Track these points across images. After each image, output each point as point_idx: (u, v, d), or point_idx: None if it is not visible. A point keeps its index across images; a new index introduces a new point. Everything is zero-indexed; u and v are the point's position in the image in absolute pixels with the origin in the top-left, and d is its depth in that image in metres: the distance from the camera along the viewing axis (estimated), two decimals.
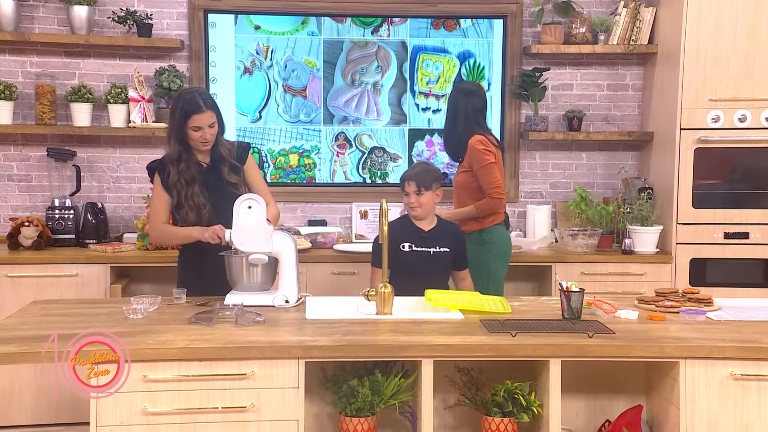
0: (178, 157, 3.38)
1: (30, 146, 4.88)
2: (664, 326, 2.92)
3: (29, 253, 4.43)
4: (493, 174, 3.95)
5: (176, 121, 3.35)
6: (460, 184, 4.09)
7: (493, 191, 3.93)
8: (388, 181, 5.10)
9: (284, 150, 5.06)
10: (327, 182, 5.09)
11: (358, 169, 5.10)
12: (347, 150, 5.09)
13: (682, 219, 4.56)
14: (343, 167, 5.08)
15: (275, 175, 5.05)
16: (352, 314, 3.05)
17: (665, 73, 4.74)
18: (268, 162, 5.05)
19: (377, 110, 5.09)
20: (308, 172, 5.07)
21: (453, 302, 3.15)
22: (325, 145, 5.08)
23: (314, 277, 4.45)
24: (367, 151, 5.10)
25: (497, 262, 4.01)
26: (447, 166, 5.04)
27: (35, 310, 3.09)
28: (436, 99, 5.10)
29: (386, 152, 5.11)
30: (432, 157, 5.11)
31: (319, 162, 5.08)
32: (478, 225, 4.00)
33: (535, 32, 5.05)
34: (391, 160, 5.11)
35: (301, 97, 5.04)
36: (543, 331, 2.76)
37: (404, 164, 5.08)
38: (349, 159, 5.10)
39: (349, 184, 5.10)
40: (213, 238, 3.22)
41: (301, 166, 5.07)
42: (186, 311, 3.03)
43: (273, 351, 2.59)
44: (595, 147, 5.16)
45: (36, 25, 4.82)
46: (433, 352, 2.64)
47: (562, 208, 5.09)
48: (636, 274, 4.54)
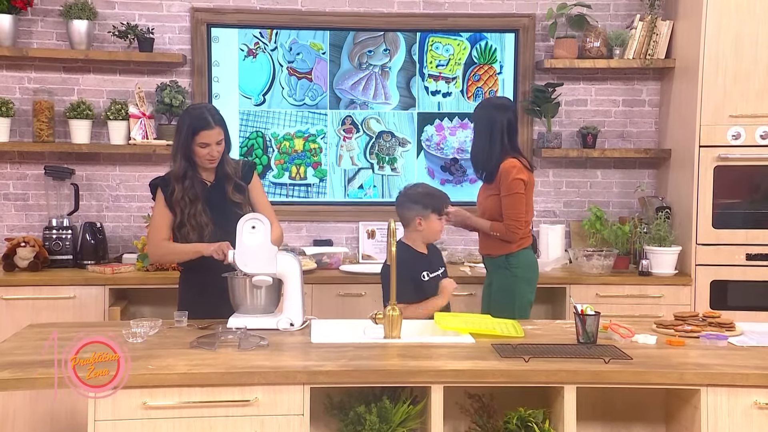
0: (184, 174, 3.40)
1: (27, 164, 4.91)
2: (683, 352, 2.91)
3: (25, 275, 4.45)
4: (518, 206, 3.86)
5: (183, 137, 3.37)
6: (488, 208, 3.98)
7: (511, 223, 3.86)
8: (396, 167, 5.10)
9: (289, 134, 5.07)
10: (333, 200, 5.10)
11: (366, 154, 5.11)
12: (354, 134, 5.10)
13: (702, 239, 4.55)
14: (350, 152, 5.09)
15: (279, 160, 5.06)
16: (359, 338, 3.05)
17: (683, 88, 4.76)
18: (272, 146, 5.06)
19: (385, 93, 5.10)
20: (314, 157, 5.08)
21: (463, 326, 3.15)
22: (331, 129, 5.09)
23: (320, 299, 4.46)
24: (374, 135, 5.11)
25: (524, 288, 3.95)
26: (457, 152, 5.06)
27: (31, 334, 3.10)
28: (446, 82, 5.10)
29: (394, 137, 5.12)
30: (442, 141, 5.10)
31: (325, 147, 5.09)
32: (505, 249, 3.93)
33: (548, 46, 5.08)
34: (399, 145, 5.11)
35: (307, 80, 5.05)
36: (557, 356, 2.76)
37: (413, 150, 5.10)
38: (356, 144, 5.11)
39: (356, 203, 5.11)
40: (218, 253, 3.23)
41: (307, 150, 5.09)
42: (187, 335, 3.03)
43: (277, 376, 2.59)
44: (611, 165, 5.17)
45: (34, 39, 4.87)
46: (443, 378, 2.64)
47: (576, 228, 5.09)
48: (654, 297, 4.53)
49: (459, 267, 4.80)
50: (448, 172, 5.16)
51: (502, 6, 5.05)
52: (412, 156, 5.14)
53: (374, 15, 5.02)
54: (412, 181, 4.43)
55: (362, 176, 5.13)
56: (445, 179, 5.14)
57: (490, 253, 4.00)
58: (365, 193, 5.12)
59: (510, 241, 3.91)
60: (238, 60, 5.00)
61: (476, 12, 5.04)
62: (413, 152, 5.11)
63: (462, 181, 5.14)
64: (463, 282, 4.53)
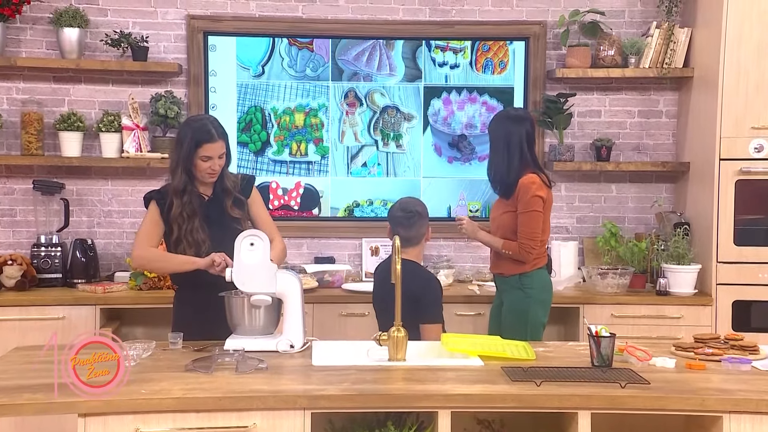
0: (183, 188, 3.41)
1: (15, 178, 4.93)
2: (704, 376, 2.90)
3: (12, 295, 4.46)
4: (535, 225, 3.85)
5: (185, 149, 3.38)
6: (502, 225, 3.97)
7: (525, 242, 3.85)
8: (401, 143, 5.10)
9: (289, 108, 5.07)
10: (335, 216, 5.11)
11: (370, 129, 5.11)
12: (357, 109, 5.10)
13: (723, 257, 4.54)
14: (353, 128, 5.09)
15: (279, 136, 5.05)
16: (362, 360, 3.05)
17: (702, 98, 4.76)
18: (271, 121, 5.06)
19: (390, 65, 5.10)
20: (315, 133, 5.08)
21: (472, 347, 3.14)
22: (333, 103, 5.09)
23: (321, 319, 4.45)
24: (379, 110, 5.11)
25: (538, 310, 3.94)
26: (466, 128, 5.08)
27: (18, 358, 3.10)
28: (453, 53, 5.10)
29: (400, 111, 5.11)
30: (450, 116, 5.09)
31: (327, 122, 5.09)
32: (518, 268, 3.93)
33: (560, 55, 5.10)
34: (405, 120, 5.11)
35: (308, 50, 5.06)
36: (570, 380, 2.75)
37: (419, 125, 5.10)
38: (359, 118, 5.10)
39: (359, 218, 5.11)
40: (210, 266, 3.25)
41: (308, 126, 5.08)
42: (182, 357, 3.02)
43: (276, 401, 2.59)
44: (626, 178, 5.17)
45: (23, 48, 4.90)
46: (450, 403, 2.63)
47: (590, 245, 5.08)
48: (672, 318, 4.52)
49: (467, 285, 4.80)
50: (456, 148, 5.15)
51: (511, 13, 5.07)
52: (418, 132, 5.13)
53: (378, 22, 5.04)
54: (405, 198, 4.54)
55: (366, 153, 5.13)
56: (452, 156, 5.14)
57: (503, 272, 4.00)
58: (369, 171, 5.12)
59: (523, 261, 3.90)
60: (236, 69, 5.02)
61: (484, 19, 5.07)
62: (419, 128, 5.11)
63: (471, 158, 5.13)
64: (472, 301, 4.55)
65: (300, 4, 5.02)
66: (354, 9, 5.04)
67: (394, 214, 3.83)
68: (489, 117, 4.97)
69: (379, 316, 3.83)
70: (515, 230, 3.90)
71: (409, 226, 3.75)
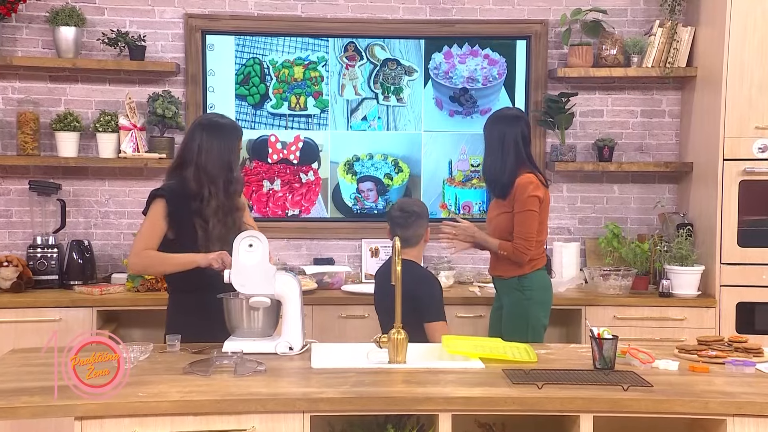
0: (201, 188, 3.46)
1: (10, 179, 4.94)
2: (708, 379, 2.90)
3: (7, 296, 4.46)
4: (530, 225, 3.86)
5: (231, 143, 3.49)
6: (501, 227, 3.96)
7: (520, 243, 3.86)
8: (402, 97, 5.09)
9: (288, 62, 5.07)
10: (334, 217, 5.12)
11: (370, 83, 5.11)
12: (357, 62, 5.10)
13: (727, 258, 4.55)
14: (352, 81, 5.08)
15: (278, 89, 5.04)
16: (362, 363, 3.05)
17: (706, 98, 4.77)
18: (270, 74, 5.05)
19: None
20: (314, 86, 5.07)
21: (473, 350, 3.14)
22: (333, 56, 5.09)
23: (320, 321, 4.46)
24: (379, 63, 5.11)
25: (538, 311, 3.95)
26: (467, 81, 5.06)
27: (14, 360, 3.10)
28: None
29: (400, 65, 5.11)
30: (451, 70, 5.09)
31: (326, 75, 5.09)
32: (517, 270, 3.93)
33: (562, 54, 5.10)
34: (405, 73, 5.10)
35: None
36: (572, 383, 2.75)
37: (420, 79, 5.10)
38: (359, 72, 5.10)
39: (359, 219, 5.12)
40: (218, 263, 3.25)
41: (307, 79, 5.08)
42: (180, 360, 3.03)
43: (275, 404, 2.59)
44: (628, 179, 5.18)
45: (19, 47, 4.90)
46: (451, 406, 2.63)
47: (592, 246, 5.09)
48: (675, 320, 4.53)
49: (468, 287, 4.81)
50: (457, 102, 5.14)
51: (512, 12, 5.08)
52: (419, 85, 5.12)
53: (378, 21, 5.05)
54: (405, 198, 4.62)
55: (366, 107, 5.12)
56: (454, 110, 5.13)
57: (501, 274, 4.00)
58: (369, 125, 5.11)
59: (518, 262, 3.91)
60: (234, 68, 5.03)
61: (485, 18, 5.07)
62: (420, 81, 5.11)
63: (472, 112, 5.13)
64: (472, 303, 4.55)
65: (299, 3, 5.03)
66: (353, 8, 5.05)
67: (392, 213, 3.85)
68: (490, 70, 5.04)
69: (381, 319, 3.84)
70: (512, 231, 3.91)
71: (407, 226, 3.76)
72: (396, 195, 5.11)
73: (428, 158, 5.14)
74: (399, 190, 5.14)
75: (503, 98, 5.12)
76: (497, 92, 5.13)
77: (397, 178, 5.13)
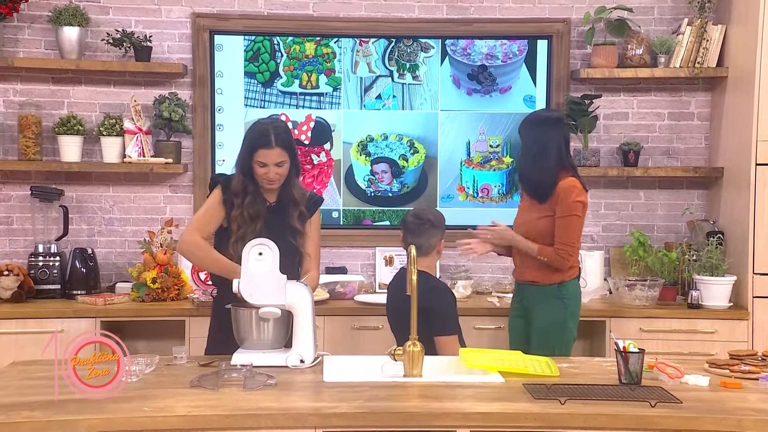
0: (244, 189, 3.49)
1: (11, 184, 4.96)
2: (740, 395, 2.89)
3: (8, 307, 4.48)
4: (574, 230, 3.86)
5: (242, 152, 3.51)
6: (542, 232, 3.92)
7: (562, 248, 3.84)
8: (417, 75, 5.08)
9: (299, 37, 5.07)
10: (347, 225, 5.12)
11: (384, 60, 5.10)
12: (371, 38, 5.10)
13: (760, 268, 4.52)
14: (366, 58, 5.08)
15: (288, 66, 5.04)
16: (376, 376, 3.05)
17: (737, 99, 4.75)
18: (280, 51, 5.06)
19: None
20: (327, 63, 5.07)
21: (492, 363, 3.14)
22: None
23: (333, 332, 4.46)
24: (394, 39, 5.11)
25: (571, 322, 3.94)
26: (486, 58, 5.04)
27: (14, 373, 3.12)
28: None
29: (416, 41, 5.10)
30: (469, 46, 5.06)
31: (339, 52, 5.09)
32: (557, 276, 3.90)
33: (585, 54, 5.10)
34: (422, 50, 5.10)
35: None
36: (597, 399, 2.75)
37: (437, 56, 5.08)
38: (373, 49, 5.09)
39: (373, 227, 5.12)
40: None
41: (319, 56, 5.07)
42: (187, 373, 3.04)
43: (286, 419, 2.59)
44: (655, 185, 5.16)
45: (21, 48, 4.94)
46: (469, 422, 2.63)
47: (617, 255, 5.07)
48: (705, 333, 4.50)
49: (486, 297, 4.80)
50: (475, 80, 5.13)
51: (533, 10, 5.08)
52: (436, 63, 5.11)
53: (392, 20, 5.05)
54: (423, 206, 4.62)
55: (380, 85, 5.11)
56: (472, 89, 5.12)
57: (539, 280, 3.94)
58: (383, 104, 5.11)
59: (558, 268, 3.89)
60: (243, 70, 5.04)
61: (505, 17, 5.07)
62: (437, 58, 5.10)
63: (491, 90, 5.11)
64: (491, 314, 4.54)
65: (311, 2, 5.04)
66: (367, 6, 5.06)
67: (406, 219, 3.86)
68: (510, 47, 5.03)
69: (394, 331, 3.83)
70: (553, 236, 3.89)
71: (419, 234, 3.76)
72: (411, 177, 5.11)
73: (445, 139, 5.12)
74: (414, 172, 5.14)
75: (524, 76, 5.11)
76: (518, 69, 5.12)
77: (413, 159, 5.13)
